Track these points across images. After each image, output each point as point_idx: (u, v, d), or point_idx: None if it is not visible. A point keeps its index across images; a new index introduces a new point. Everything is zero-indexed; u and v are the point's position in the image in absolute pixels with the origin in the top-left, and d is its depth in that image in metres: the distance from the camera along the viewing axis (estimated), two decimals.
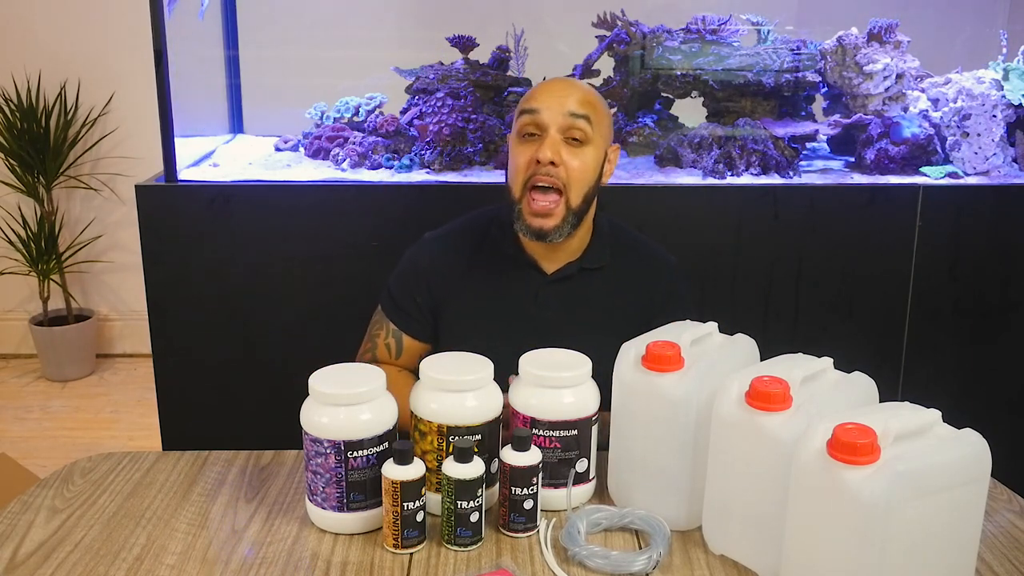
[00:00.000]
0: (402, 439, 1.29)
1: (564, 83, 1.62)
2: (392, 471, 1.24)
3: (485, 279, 1.65)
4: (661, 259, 1.71)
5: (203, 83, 2.74)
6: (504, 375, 1.36)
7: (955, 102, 2.36)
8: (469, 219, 1.72)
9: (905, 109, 2.42)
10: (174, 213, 2.26)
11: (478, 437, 1.29)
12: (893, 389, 2.31)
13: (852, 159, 2.48)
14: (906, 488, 1.03)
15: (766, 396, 1.16)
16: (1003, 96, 2.33)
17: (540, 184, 1.53)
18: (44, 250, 3.64)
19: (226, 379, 2.33)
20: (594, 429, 1.36)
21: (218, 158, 2.51)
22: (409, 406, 1.33)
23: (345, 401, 1.27)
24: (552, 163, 1.51)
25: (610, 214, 1.72)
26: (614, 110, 2.56)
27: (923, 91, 2.45)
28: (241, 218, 2.25)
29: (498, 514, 1.32)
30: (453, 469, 1.24)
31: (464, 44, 2.44)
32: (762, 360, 1.29)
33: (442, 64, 2.47)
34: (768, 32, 2.49)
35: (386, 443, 1.29)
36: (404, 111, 2.50)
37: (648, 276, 1.68)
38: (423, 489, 1.25)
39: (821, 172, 2.41)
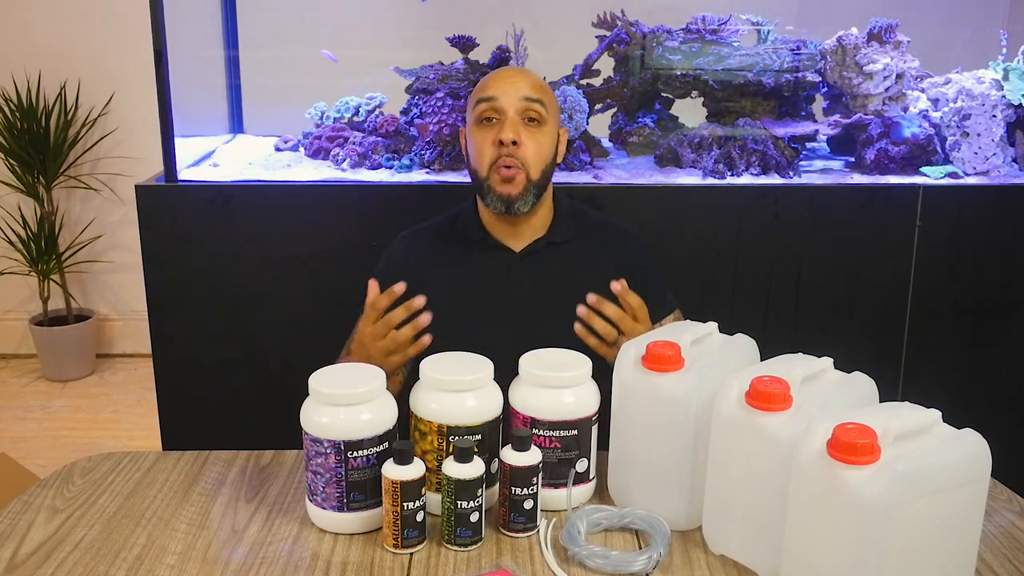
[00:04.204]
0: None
1: (515, 71, 1.77)
2: (392, 471, 1.24)
3: (458, 265, 1.72)
4: (624, 230, 1.79)
5: (203, 83, 2.74)
6: (485, 354, 1.38)
7: (955, 102, 2.36)
8: (436, 219, 1.80)
9: (905, 109, 2.41)
10: (174, 213, 2.26)
11: (478, 437, 1.29)
12: (893, 389, 2.31)
13: (852, 159, 2.48)
14: (906, 488, 1.03)
15: (766, 396, 1.16)
16: (1003, 96, 2.33)
17: (505, 166, 1.61)
18: (44, 250, 3.64)
19: (226, 379, 2.33)
20: (594, 429, 1.36)
21: (218, 158, 2.51)
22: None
23: (345, 401, 1.27)
24: (514, 142, 1.60)
25: (573, 200, 1.81)
26: (614, 110, 2.56)
27: (923, 91, 2.45)
28: (241, 218, 2.25)
29: (498, 514, 1.32)
30: (453, 469, 1.25)
31: (464, 44, 2.43)
32: (762, 360, 1.30)
33: (442, 64, 2.46)
34: (768, 32, 2.49)
35: (386, 443, 1.29)
36: (404, 111, 2.50)
37: (614, 247, 1.75)
38: (423, 489, 1.25)
39: (821, 172, 2.41)
